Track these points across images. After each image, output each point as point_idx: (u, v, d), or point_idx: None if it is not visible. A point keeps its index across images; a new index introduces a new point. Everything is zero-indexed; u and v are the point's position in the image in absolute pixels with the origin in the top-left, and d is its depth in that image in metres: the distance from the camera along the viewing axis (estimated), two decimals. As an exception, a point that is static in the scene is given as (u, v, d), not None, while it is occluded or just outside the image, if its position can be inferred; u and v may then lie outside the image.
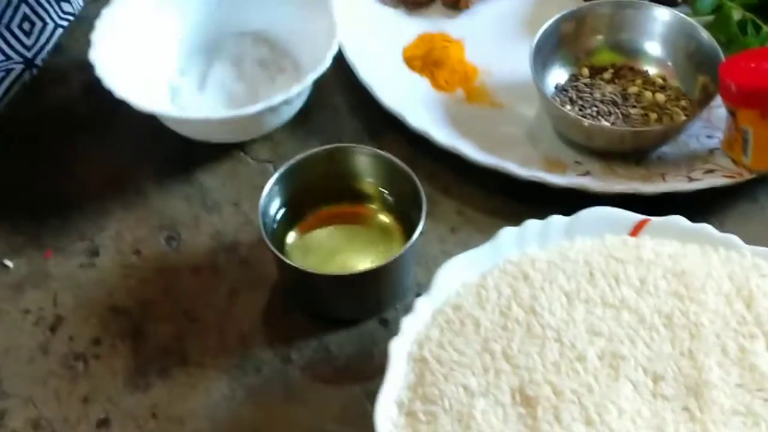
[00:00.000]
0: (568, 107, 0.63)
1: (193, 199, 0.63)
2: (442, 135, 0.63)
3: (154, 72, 0.66)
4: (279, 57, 0.67)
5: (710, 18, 0.67)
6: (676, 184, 0.58)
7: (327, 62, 0.61)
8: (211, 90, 0.66)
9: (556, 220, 0.52)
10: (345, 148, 0.58)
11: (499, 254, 0.51)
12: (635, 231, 0.52)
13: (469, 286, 0.50)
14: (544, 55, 0.64)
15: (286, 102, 0.60)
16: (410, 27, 0.71)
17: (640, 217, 0.52)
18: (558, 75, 0.65)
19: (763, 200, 0.60)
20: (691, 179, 0.59)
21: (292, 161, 0.57)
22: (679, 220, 0.52)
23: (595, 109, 0.63)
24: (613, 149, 0.61)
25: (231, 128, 0.62)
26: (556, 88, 0.65)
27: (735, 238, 0.51)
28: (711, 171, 0.59)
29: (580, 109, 0.63)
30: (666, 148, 0.62)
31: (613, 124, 0.62)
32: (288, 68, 0.67)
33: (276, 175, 0.56)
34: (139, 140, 0.66)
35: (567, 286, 0.49)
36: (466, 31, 0.71)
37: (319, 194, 0.58)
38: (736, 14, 0.65)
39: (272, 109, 0.60)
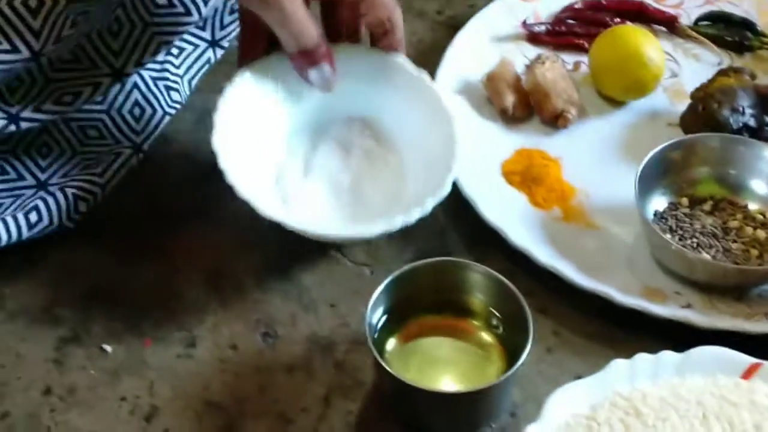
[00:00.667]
0: (668, 236, 0.64)
1: (291, 296, 0.64)
2: (542, 253, 0.63)
3: (263, 154, 0.65)
4: (386, 151, 0.66)
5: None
6: (781, 325, 0.58)
7: (446, 188, 0.61)
8: (316, 177, 0.65)
9: (668, 356, 0.52)
10: (453, 262, 0.58)
11: (609, 386, 0.51)
12: (748, 374, 0.51)
13: (580, 418, 0.50)
14: (646, 181, 0.64)
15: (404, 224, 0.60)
16: (508, 141, 0.72)
17: (753, 360, 0.52)
18: (658, 202, 0.66)
19: None
20: (795, 322, 0.59)
21: (398, 272, 0.57)
22: (793, 367, 0.51)
23: (695, 240, 0.63)
24: (715, 283, 0.61)
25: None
26: (655, 215, 0.66)
27: None
28: (815, 315, 0.59)
29: (680, 239, 0.64)
30: (766, 286, 0.62)
31: (713, 257, 0.62)
32: (392, 164, 0.65)
33: (382, 286, 0.56)
34: (240, 234, 0.67)
35: (680, 427, 0.48)
36: (563, 150, 0.72)
37: (422, 304, 0.58)
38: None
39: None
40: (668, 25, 0.80)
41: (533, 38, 0.79)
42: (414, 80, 0.65)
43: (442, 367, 0.57)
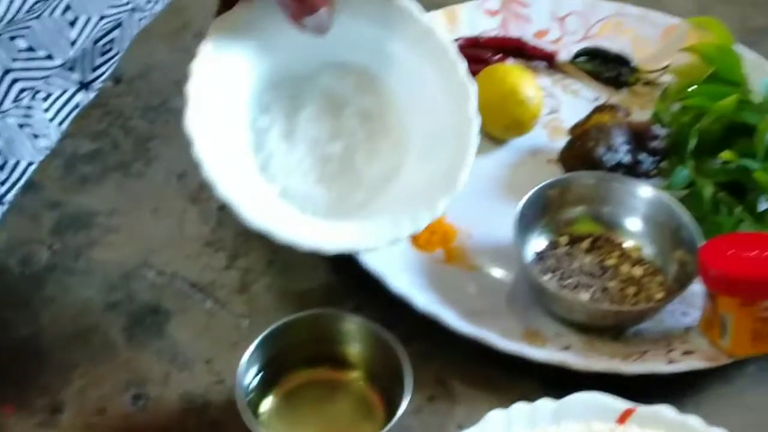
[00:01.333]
0: (548, 276, 0.64)
1: (163, 353, 0.61)
2: (423, 299, 0.62)
3: (236, 119, 0.52)
4: (387, 117, 0.53)
5: (684, 192, 0.69)
6: (656, 365, 0.58)
7: (460, 184, 0.51)
8: (301, 147, 0.53)
9: (544, 404, 0.52)
10: (328, 314, 0.57)
11: (486, 438, 0.50)
12: (622, 419, 0.51)
13: (456, 473, 0.49)
14: (526, 221, 0.64)
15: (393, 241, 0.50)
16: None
17: (627, 404, 0.52)
18: (538, 242, 0.66)
19: (739, 382, 0.61)
20: (670, 361, 0.59)
21: (272, 327, 0.55)
22: (665, 411, 0.52)
23: (574, 279, 0.64)
24: (593, 324, 0.61)
25: None
26: (536, 255, 0.66)
27: (721, 432, 0.51)
28: (689, 352, 0.60)
29: (559, 279, 0.64)
30: (644, 324, 0.62)
31: (592, 297, 0.63)
32: (394, 135, 0.53)
33: (255, 344, 0.54)
34: (110, 287, 0.64)
35: (556, 477, 0.48)
36: (445, 190, 0.71)
37: (299, 358, 0.57)
38: (708, 191, 0.67)
39: None
40: (547, 60, 0.81)
41: (415, 76, 0.79)
42: (426, 34, 0.52)
43: (322, 422, 0.56)
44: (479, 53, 0.80)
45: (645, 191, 0.66)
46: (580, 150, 0.70)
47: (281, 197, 0.53)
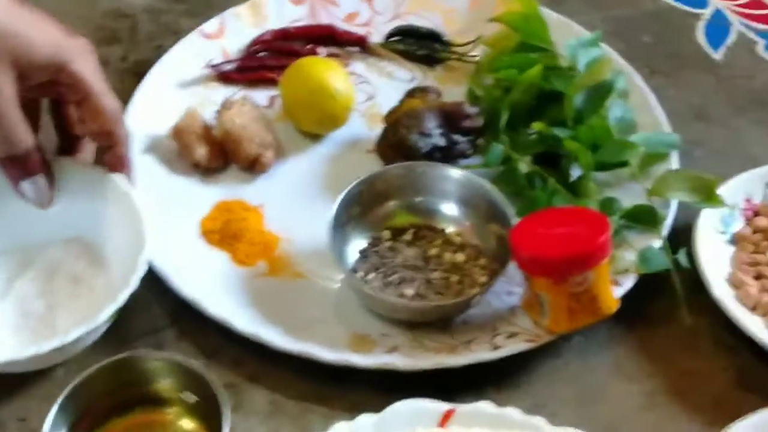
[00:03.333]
0: (372, 275, 0.62)
1: (-26, 416, 0.57)
2: (244, 321, 0.60)
3: None
4: (97, 275, 0.61)
5: (501, 169, 0.69)
6: (482, 354, 0.58)
7: (122, 298, 0.56)
8: (9, 302, 0.59)
9: (365, 419, 0.51)
10: (132, 357, 0.54)
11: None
12: (443, 421, 0.51)
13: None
14: (342, 222, 0.63)
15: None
16: (207, 196, 0.69)
17: (446, 406, 0.51)
18: (360, 240, 0.65)
19: (567, 356, 0.62)
20: (495, 346, 0.59)
21: (77, 380, 0.52)
22: (484, 407, 0.51)
23: (398, 275, 0.63)
24: (417, 320, 0.60)
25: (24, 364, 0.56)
26: (360, 253, 0.64)
27: (540, 421, 0.51)
28: (514, 335, 0.60)
29: (384, 277, 0.63)
30: (471, 310, 0.62)
31: (417, 291, 0.62)
32: (98, 288, 0.60)
33: (60, 399, 0.51)
34: None
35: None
36: (264, 196, 0.69)
37: (110, 407, 0.54)
38: (523, 167, 0.67)
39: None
40: (359, 45, 0.79)
41: (224, 78, 0.76)
42: (125, 199, 0.60)
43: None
44: (290, 46, 0.78)
45: (455, 174, 0.65)
46: (394, 139, 0.69)
47: None
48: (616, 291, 0.61)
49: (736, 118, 0.78)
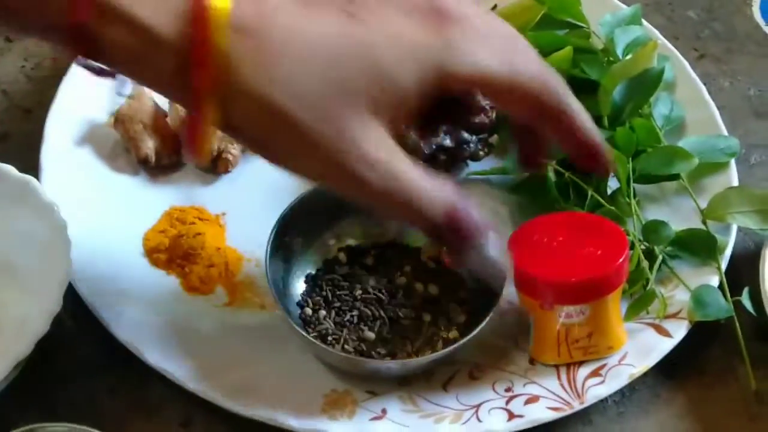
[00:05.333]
0: (323, 313, 0.49)
1: None
2: (191, 372, 0.47)
3: None
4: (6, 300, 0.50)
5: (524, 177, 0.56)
6: (494, 425, 0.46)
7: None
8: None
9: None
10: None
11: None
12: None
13: None
14: (287, 241, 0.50)
15: None
16: (154, 201, 0.55)
17: None
18: (311, 263, 0.52)
19: (599, 421, 0.49)
20: (510, 415, 0.46)
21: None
22: None
23: (356, 314, 0.49)
24: (381, 378, 0.48)
25: None
26: (309, 279, 0.51)
27: None
28: (533, 399, 0.47)
29: (338, 314, 0.49)
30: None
31: (378, 335, 0.49)
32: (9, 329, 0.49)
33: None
34: None
35: None
36: (227, 203, 0.56)
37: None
38: (554, 174, 0.54)
39: None
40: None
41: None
42: (47, 211, 0.50)
43: None
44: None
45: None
46: (389, 138, 0.55)
47: None
48: (664, 343, 0.48)
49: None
